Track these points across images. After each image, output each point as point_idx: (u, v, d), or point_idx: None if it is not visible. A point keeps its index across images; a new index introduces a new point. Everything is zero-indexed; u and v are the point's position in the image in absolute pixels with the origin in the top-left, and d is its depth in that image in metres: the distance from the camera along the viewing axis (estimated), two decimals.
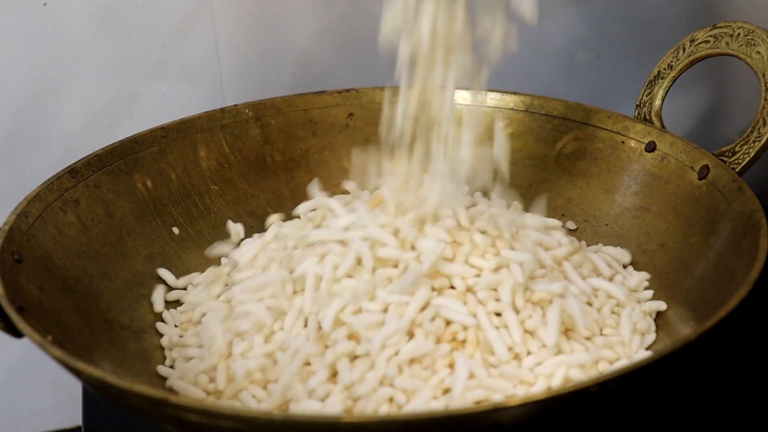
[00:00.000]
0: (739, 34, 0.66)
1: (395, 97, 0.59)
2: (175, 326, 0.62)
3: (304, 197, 0.69)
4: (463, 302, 0.54)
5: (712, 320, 0.49)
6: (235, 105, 0.75)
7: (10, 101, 0.80)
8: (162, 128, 0.72)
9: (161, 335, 0.62)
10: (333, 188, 0.72)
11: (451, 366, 0.51)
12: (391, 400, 0.49)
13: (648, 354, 0.55)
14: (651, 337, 0.58)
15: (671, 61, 0.71)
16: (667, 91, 0.71)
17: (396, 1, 0.56)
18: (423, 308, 0.53)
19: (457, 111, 0.66)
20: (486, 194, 0.63)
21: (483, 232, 0.57)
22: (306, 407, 0.50)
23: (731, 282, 0.55)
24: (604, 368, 0.55)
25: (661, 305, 0.61)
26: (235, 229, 0.68)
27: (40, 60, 0.79)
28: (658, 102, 0.71)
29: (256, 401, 0.52)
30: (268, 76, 0.85)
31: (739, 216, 0.59)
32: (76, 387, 0.71)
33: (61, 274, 0.60)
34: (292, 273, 0.57)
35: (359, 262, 0.56)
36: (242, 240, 0.67)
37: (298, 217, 0.67)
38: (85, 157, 0.67)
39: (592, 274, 0.61)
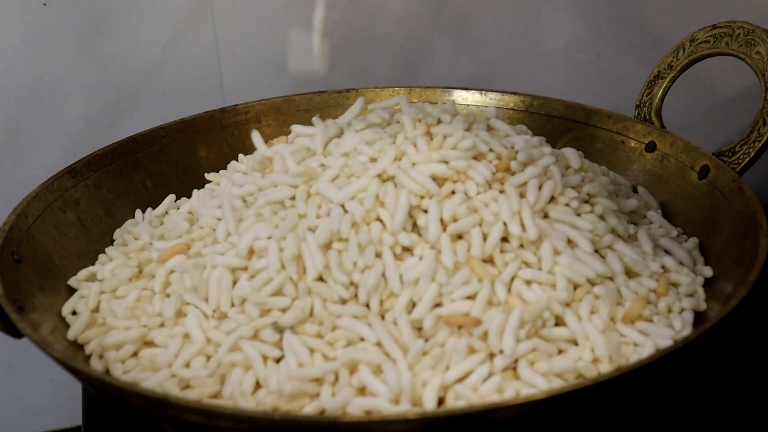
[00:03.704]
0: (739, 34, 0.66)
1: None
2: None
3: None
4: None
5: (712, 320, 0.49)
6: (235, 105, 0.75)
7: (10, 101, 0.80)
8: (162, 128, 0.72)
9: None
10: None
11: None
12: None
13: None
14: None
15: (671, 61, 0.71)
16: (667, 91, 0.71)
17: None
18: None
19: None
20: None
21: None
22: None
23: (731, 282, 0.56)
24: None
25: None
26: None
27: (40, 60, 0.79)
28: (658, 102, 0.71)
29: None
30: (268, 76, 0.85)
31: (739, 216, 0.59)
32: (76, 387, 0.71)
33: (61, 274, 0.60)
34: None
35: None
36: None
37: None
38: (85, 157, 0.67)
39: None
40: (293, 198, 0.58)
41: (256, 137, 0.65)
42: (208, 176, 0.70)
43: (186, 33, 0.82)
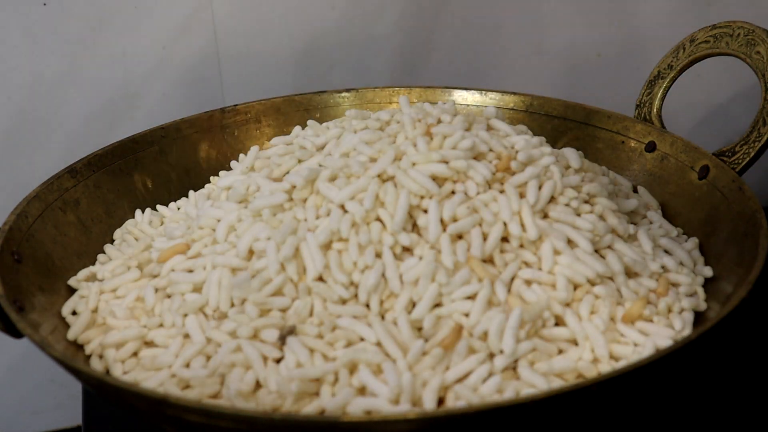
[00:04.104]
0: (739, 34, 0.66)
1: None
2: None
3: None
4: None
5: (712, 320, 0.49)
6: (235, 105, 0.75)
7: (10, 101, 0.80)
8: (162, 128, 0.72)
9: None
10: None
11: None
12: None
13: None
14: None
15: (671, 61, 0.71)
16: (667, 91, 0.71)
17: None
18: None
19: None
20: None
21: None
22: None
23: (731, 282, 0.56)
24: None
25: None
26: None
27: (40, 60, 0.79)
28: (658, 102, 0.71)
29: None
30: (268, 76, 0.85)
31: (739, 216, 0.59)
32: (76, 387, 0.71)
33: (61, 274, 0.60)
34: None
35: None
36: None
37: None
38: (85, 157, 0.67)
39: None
40: (292, 199, 0.58)
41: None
42: (213, 179, 0.70)
43: (186, 33, 0.82)
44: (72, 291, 0.60)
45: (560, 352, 0.52)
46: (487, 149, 0.58)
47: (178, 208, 0.69)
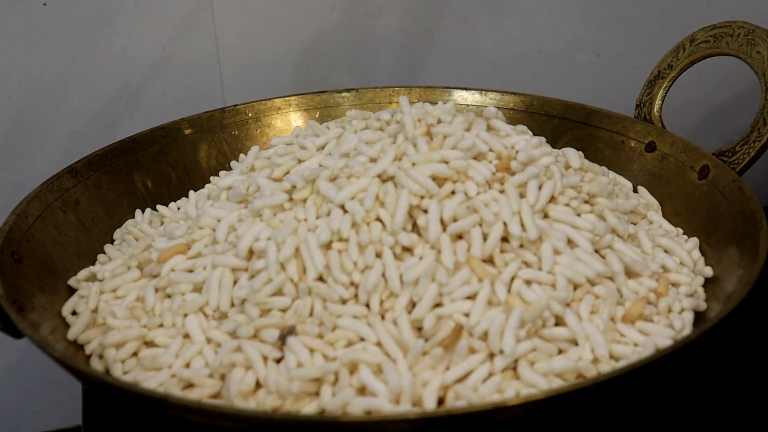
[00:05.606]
0: (739, 34, 0.66)
1: None
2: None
3: None
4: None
5: (712, 320, 0.49)
6: (235, 105, 0.75)
7: (10, 101, 0.80)
8: (162, 128, 0.72)
9: None
10: None
11: None
12: None
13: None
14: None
15: (671, 61, 0.71)
16: (667, 91, 0.71)
17: None
18: None
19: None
20: None
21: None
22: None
23: (731, 282, 0.56)
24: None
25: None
26: None
27: (40, 60, 0.79)
28: (658, 102, 0.71)
29: None
30: (268, 76, 0.85)
31: (739, 216, 0.59)
32: (76, 387, 0.71)
33: (61, 274, 0.60)
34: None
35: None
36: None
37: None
38: (85, 157, 0.67)
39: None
40: (292, 199, 0.58)
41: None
42: (213, 179, 0.70)
43: (186, 33, 0.82)
44: (72, 291, 0.60)
45: (560, 352, 0.52)
46: (487, 149, 0.58)
47: (178, 208, 0.69)
